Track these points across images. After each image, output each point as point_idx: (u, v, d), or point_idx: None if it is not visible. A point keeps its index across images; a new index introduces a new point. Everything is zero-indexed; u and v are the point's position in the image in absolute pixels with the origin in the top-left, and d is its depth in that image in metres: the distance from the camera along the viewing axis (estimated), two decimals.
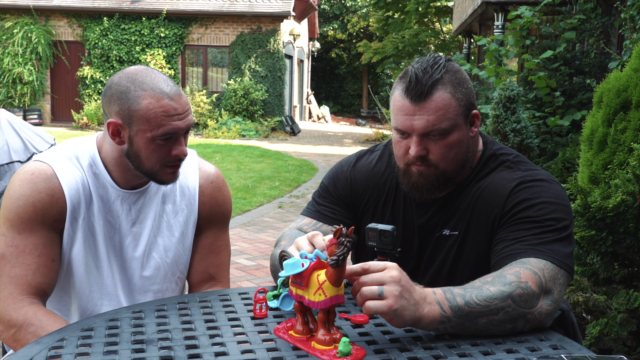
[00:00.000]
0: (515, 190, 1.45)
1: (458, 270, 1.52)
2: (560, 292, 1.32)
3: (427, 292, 1.21)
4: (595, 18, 7.11)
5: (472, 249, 1.50)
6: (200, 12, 17.68)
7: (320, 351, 1.13)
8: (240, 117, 17.13)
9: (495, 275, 1.30)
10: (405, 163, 1.48)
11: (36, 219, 1.48)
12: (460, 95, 1.44)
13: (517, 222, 1.42)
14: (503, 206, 1.45)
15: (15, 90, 17.69)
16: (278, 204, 7.73)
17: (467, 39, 15.00)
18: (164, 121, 1.45)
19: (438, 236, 1.54)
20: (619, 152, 2.71)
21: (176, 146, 1.50)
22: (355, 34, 30.17)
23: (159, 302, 1.42)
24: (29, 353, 1.14)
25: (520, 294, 1.25)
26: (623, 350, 2.27)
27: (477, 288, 1.25)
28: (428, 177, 1.47)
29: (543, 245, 1.35)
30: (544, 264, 1.32)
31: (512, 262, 1.34)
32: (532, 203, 1.42)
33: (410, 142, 1.44)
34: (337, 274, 1.12)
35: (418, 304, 1.18)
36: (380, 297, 1.14)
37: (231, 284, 4.40)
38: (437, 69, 1.42)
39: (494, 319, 1.22)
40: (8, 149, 3.71)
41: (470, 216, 1.50)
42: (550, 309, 1.29)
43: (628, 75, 2.83)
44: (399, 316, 1.15)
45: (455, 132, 1.44)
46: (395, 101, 1.46)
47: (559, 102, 6.22)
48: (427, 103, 1.41)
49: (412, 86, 1.41)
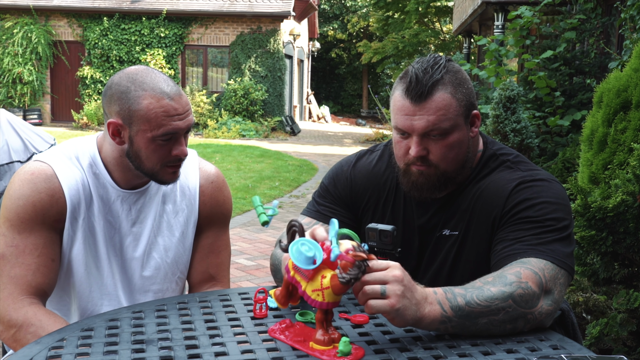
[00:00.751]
0: (516, 190, 1.46)
1: (458, 270, 1.52)
2: (561, 292, 1.32)
3: (429, 292, 1.21)
4: (595, 18, 7.11)
5: (472, 249, 1.50)
6: (200, 12, 17.68)
7: (319, 351, 1.13)
8: (240, 117, 17.13)
9: (496, 275, 1.30)
10: (405, 163, 1.48)
11: (36, 219, 1.48)
12: (460, 96, 1.44)
13: (518, 222, 1.42)
14: (503, 206, 1.46)
15: (15, 90, 17.69)
16: (278, 204, 7.73)
17: (467, 39, 15.00)
18: (164, 121, 1.45)
19: (438, 236, 1.54)
20: (619, 152, 2.71)
21: (176, 146, 1.50)
22: (355, 34, 30.17)
23: (159, 302, 1.42)
24: (29, 353, 1.14)
25: (521, 294, 1.25)
26: (623, 350, 2.27)
27: (478, 288, 1.25)
28: (428, 177, 1.47)
29: (543, 245, 1.36)
30: (544, 264, 1.32)
31: (513, 262, 1.34)
32: (533, 203, 1.42)
33: (411, 142, 1.45)
34: (342, 289, 1.12)
35: (419, 304, 1.18)
36: (382, 297, 1.14)
37: (231, 284, 4.39)
38: (438, 69, 1.42)
39: (494, 319, 1.23)
40: (8, 149, 3.71)
41: (471, 216, 1.50)
42: (551, 309, 1.29)
43: (628, 75, 2.83)
44: (400, 315, 1.15)
45: (455, 133, 1.44)
46: (396, 101, 1.46)
47: (559, 102, 6.22)
48: (428, 103, 1.41)
49: (413, 86, 1.41)
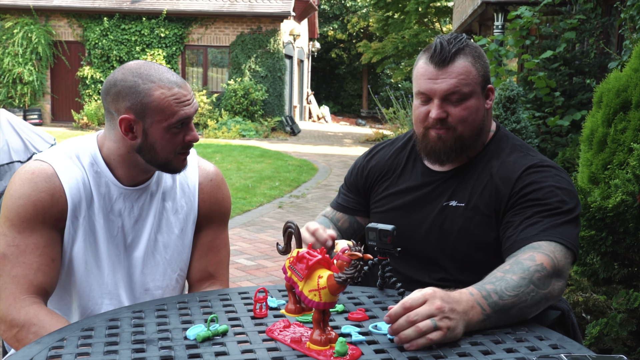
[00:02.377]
0: (525, 173, 1.54)
1: (464, 242, 1.58)
2: (568, 270, 1.43)
3: (466, 297, 1.25)
4: (595, 18, 7.11)
5: (479, 223, 1.57)
6: (200, 12, 17.68)
7: (316, 352, 1.13)
8: (240, 117, 17.13)
9: (512, 263, 1.37)
10: (425, 127, 1.59)
11: (37, 218, 1.48)
12: (479, 66, 1.57)
13: (526, 204, 1.50)
14: (512, 187, 1.54)
15: (15, 90, 17.69)
16: (278, 204, 7.73)
17: None
18: (177, 108, 1.48)
19: (444, 205, 1.61)
20: (618, 152, 2.71)
21: (188, 132, 1.54)
22: (355, 34, 30.17)
23: (159, 301, 1.42)
24: (29, 353, 1.14)
25: (538, 277, 1.33)
26: (623, 350, 2.27)
27: (502, 279, 1.32)
28: (446, 141, 1.57)
29: (552, 229, 1.43)
30: (554, 246, 1.40)
31: (525, 246, 1.41)
32: (541, 186, 1.51)
33: (431, 107, 1.56)
34: (339, 288, 1.12)
35: (466, 314, 1.23)
36: (435, 329, 1.17)
37: (231, 284, 4.40)
38: (460, 41, 1.56)
39: (523, 306, 1.30)
40: (8, 149, 3.71)
41: (480, 191, 1.58)
42: (563, 286, 1.40)
43: (628, 75, 2.83)
44: (455, 335, 1.20)
45: (473, 98, 1.56)
46: (419, 68, 1.58)
47: (558, 102, 6.22)
48: (450, 67, 1.53)
49: (437, 53, 1.54)
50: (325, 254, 1.17)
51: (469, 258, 1.59)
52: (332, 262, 1.14)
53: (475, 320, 1.24)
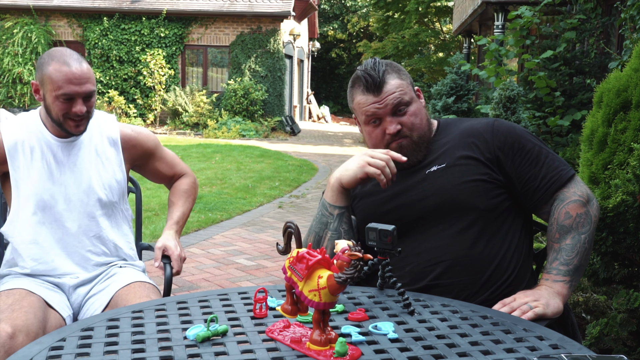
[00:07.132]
0: (498, 123, 1.76)
1: (464, 191, 1.68)
2: (584, 184, 1.71)
3: (543, 283, 1.60)
4: (595, 18, 7.11)
5: (468, 169, 1.71)
6: (200, 12, 17.68)
7: (316, 352, 1.12)
8: (240, 117, 17.14)
9: (557, 230, 1.65)
10: (385, 145, 1.76)
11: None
12: (404, 76, 1.78)
13: (521, 156, 1.71)
14: (492, 133, 1.74)
15: (15, 90, 17.69)
16: (278, 204, 7.72)
17: (467, 39, 15.01)
18: (63, 84, 1.89)
19: (427, 173, 1.75)
20: (619, 152, 2.70)
21: (75, 105, 1.91)
22: (355, 34, 30.18)
23: (158, 302, 1.42)
24: (29, 353, 1.14)
25: (581, 224, 1.64)
26: (623, 350, 2.27)
27: (559, 250, 1.63)
28: (408, 147, 1.75)
29: (555, 170, 1.70)
30: (569, 185, 1.69)
31: (554, 206, 1.68)
32: (518, 134, 1.74)
33: (385, 124, 1.74)
34: (339, 289, 1.12)
35: (550, 292, 1.56)
36: (531, 308, 1.50)
37: (231, 284, 4.40)
38: (380, 65, 1.75)
39: (587, 254, 1.63)
40: None
41: (454, 148, 1.75)
42: (597, 203, 1.70)
43: (628, 75, 2.82)
44: (548, 305, 1.51)
45: (414, 103, 1.77)
46: (360, 102, 1.76)
47: (559, 102, 6.22)
48: (386, 88, 1.73)
49: (370, 82, 1.73)
50: (325, 254, 1.16)
51: (469, 201, 1.69)
52: (332, 262, 1.14)
53: (563, 292, 1.57)
